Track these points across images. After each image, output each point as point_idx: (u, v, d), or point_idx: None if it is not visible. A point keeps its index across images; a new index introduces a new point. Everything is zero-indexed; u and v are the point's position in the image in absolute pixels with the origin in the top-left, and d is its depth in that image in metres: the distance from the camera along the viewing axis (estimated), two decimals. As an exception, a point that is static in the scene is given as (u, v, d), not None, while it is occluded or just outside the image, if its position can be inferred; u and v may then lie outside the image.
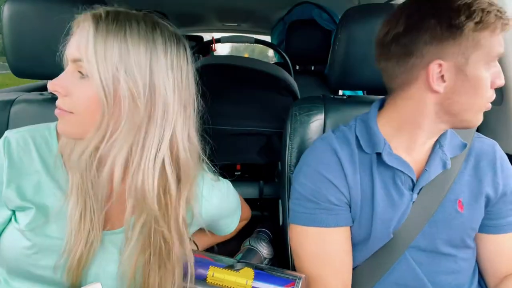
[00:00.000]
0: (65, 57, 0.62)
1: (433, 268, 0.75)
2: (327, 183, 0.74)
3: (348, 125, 0.81)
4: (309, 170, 0.76)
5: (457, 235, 0.75)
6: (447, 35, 0.65)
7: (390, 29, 0.70)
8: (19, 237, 0.61)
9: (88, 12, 0.60)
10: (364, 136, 0.76)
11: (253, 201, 1.41)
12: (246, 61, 1.39)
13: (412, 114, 0.72)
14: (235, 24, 3.03)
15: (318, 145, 0.79)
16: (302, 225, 0.75)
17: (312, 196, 0.74)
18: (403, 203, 0.74)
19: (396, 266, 0.75)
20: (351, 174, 0.74)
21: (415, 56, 0.67)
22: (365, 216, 0.74)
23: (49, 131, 0.67)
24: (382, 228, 0.73)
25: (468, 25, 0.63)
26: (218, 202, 0.75)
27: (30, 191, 0.63)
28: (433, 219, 0.74)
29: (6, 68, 0.89)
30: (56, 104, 0.60)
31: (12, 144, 0.64)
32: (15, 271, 0.63)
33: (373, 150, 0.75)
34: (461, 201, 0.75)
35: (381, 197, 0.73)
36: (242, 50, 5.56)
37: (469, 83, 0.66)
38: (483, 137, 0.82)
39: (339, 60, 0.94)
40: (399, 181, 0.74)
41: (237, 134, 1.29)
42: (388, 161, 0.73)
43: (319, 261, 0.74)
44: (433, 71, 0.66)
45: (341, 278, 0.74)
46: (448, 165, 0.74)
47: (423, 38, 0.66)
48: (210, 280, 0.69)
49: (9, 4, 0.83)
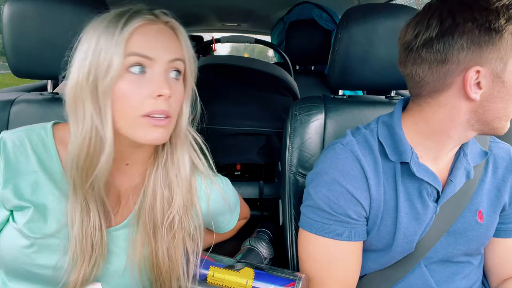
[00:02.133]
0: (126, 57, 0.58)
1: (446, 276, 0.74)
2: (347, 195, 0.68)
3: (369, 128, 0.75)
4: (328, 179, 0.70)
5: (474, 246, 0.73)
6: (486, 39, 0.59)
7: (420, 33, 0.64)
8: (18, 236, 0.62)
9: (152, 14, 0.63)
10: (389, 142, 0.71)
11: (253, 201, 1.42)
12: (246, 61, 1.38)
13: (443, 122, 0.67)
14: (235, 24, 3.03)
15: (339, 151, 0.72)
16: (313, 233, 0.71)
17: (329, 207, 0.69)
18: (427, 216, 0.70)
19: (409, 274, 0.72)
20: (375, 185, 0.69)
21: (450, 63, 0.62)
22: (386, 229, 0.70)
23: (45, 130, 0.67)
24: (404, 243, 0.70)
25: (508, 28, 0.59)
26: (217, 198, 0.76)
27: (28, 191, 0.63)
28: (452, 229, 0.71)
29: (6, 68, 0.89)
30: (158, 113, 0.59)
31: (8, 145, 0.64)
32: (13, 271, 0.63)
33: (399, 159, 0.69)
34: (481, 211, 0.73)
35: (405, 210, 0.69)
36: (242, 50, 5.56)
37: (506, 90, 0.61)
38: (498, 141, 0.79)
39: (339, 60, 0.94)
40: (425, 193, 0.69)
41: (237, 134, 1.29)
42: (417, 172, 0.68)
43: (325, 269, 0.71)
44: (471, 78, 0.61)
45: (345, 287, 0.72)
46: (471, 175, 0.71)
47: (459, 43, 0.61)
48: (210, 280, 0.69)
49: (9, 4, 0.83)
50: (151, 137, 0.60)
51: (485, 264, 0.80)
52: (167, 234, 0.67)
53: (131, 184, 0.70)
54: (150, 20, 0.61)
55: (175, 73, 0.63)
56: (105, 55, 0.57)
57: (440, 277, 0.73)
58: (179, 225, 0.68)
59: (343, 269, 0.71)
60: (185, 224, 0.69)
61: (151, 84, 0.59)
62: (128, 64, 0.58)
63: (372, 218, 0.70)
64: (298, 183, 0.91)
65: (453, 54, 0.61)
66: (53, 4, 0.83)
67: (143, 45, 0.59)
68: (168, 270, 0.67)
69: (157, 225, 0.67)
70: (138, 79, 0.59)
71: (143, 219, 0.67)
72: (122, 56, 0.57)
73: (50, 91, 0.98)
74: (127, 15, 0.60)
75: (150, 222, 0.67)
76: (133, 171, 0.70)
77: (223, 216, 0.81)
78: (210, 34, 3.06)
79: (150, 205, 0.67)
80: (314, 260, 0.72)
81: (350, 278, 0.71)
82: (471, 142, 0.74)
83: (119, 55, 0.57)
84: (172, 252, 0.68)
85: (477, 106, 0.63)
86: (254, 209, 1.07)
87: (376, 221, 0.70)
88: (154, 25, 0.62)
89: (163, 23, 0.63)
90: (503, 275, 0.78)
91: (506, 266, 0.77)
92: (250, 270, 0.68)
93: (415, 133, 0.70)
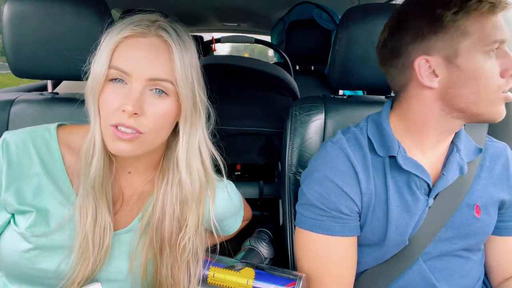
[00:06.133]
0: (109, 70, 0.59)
1: (446, 273, 0.74)
2: (338, 190, 0.71)
3: (359, 126, 0.78)
4: (319, 176, 0.73)
5: (473, 241, 0.74)
6: (428, 30, 0.64)
7: (380, 37, 0.73)
8: (19, 240, 0.61)
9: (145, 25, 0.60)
10: (377, 138, 0.74)
11: (253, 201, 1.42)
12: (246, 61, 1.38)
13: (419, 114, 0.70)
14: (235, 24, 3.02)
15: (329, 149, 0.75)
16: (308, 230, 0.73)
17: (321, 203, 0.71)
18: (418, 208, 0.71)
19: (407, 270, 0.73)
20: (365, 180, 0.71)
21: (403, 56, 0.68)
22: (379, 223, 0.72)
23: (49, 132, 0.66)
24: (397, 235, 0.71)
25: (446, 15, 0.62)
26: (222, 203, 0.75)
27: (30, 195, 0.62)
28: (449, 224, 0.72)
29: (6, 68, 0.89)
30: (124, 127, 0.58)
31: (11, 147, 0.63)
32: (14, 274, 0.63)
33: (386, 153, 0.72)
34: (479, 206, 0.73)
35: (396, 203, 0.71)
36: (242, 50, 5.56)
37: (465, 74, 0.63)
38: (495, 140, 0.81)
39: (339, 60, 0.94)
40: (414, 185, 0.71)
41: (237, 134, 1.29)
42: (404, 165, 0.70)
43: (321, 266, 0.72)
44: (420, 67, 0.66)
45: (343, 283, 0.72)
46: (465, 170, 0.72)
47: (406, 38, 0.67)
48: (211, 281, 0.69)
49: (9, 4, 0.83)
50: (115, 148, 0.59)
51: (487, 263, 0.80)
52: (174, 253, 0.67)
53: (135, 191, 0.69)
54: (140, 32, 0.59)
55: (158, 91, 0.60)
56: (97, 64, 0.60)
57: (440, 274, 0.73)
58: (189, 248, 0.67)
59: (339, 265, 0.72)
60: (195, 246, 0.68)
61: (123, 98, 0.58)
62: (110, 76, 0.59)
63: (365, 212, 0.72)
64: (298, 183, 0.91)
65: (402, 47, 0.68)
66: (53, 4, 0.83)
67: (124, 59, 0.59)
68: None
69: (164, 242, 0.66)
70: (117, 89, 0.59)
71: (151, 234, 0.66)
72: (106, 68, 0.59)
73: (50, 91, 0.98)
74: (124, 25, 0.60)
75: (158, 239, 0.66)
76: (137, 179, 0.70)
77: (228, 220, 0.81)
78: (210, 34, 3.06)
79: (159, 221, 0.66)
80: (310, 257, 0.74)
81: (347, 275, 0.73)
82: (465, 139, 0.75)
83: (104, 66, 0.59)
84: (176, 271, 0.67)
85: (441, 93, 0.66)
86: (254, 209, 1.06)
87: (368, 215, 0.72)
88: (144, 38, 0.60)
89: (156, 37, 0.60)
90: (505, 274, 0.78)
91: (507, 265, 0.78)
92: (251, 270, 0.69)
93: (400, 128, 0.73)
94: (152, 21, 0.61)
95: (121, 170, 0.68)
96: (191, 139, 0.65)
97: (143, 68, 0.58)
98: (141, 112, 0.58)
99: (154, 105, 0.60)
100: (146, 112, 0.59)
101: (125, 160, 0.67)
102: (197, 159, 0.67)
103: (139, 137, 0.59)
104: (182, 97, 0.61)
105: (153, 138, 0.62)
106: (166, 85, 0.60)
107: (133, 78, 0.58)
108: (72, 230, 0.62)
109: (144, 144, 0.61)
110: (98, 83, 0.59)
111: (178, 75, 0.60)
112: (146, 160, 0.69)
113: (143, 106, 0.58)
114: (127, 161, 0.68)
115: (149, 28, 0.60)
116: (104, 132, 0.60)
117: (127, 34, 0.59)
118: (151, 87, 0.60)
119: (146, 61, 0.59)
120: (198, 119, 0.65)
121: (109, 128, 0.58)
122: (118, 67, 0.58)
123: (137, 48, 0.59)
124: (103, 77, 0.59)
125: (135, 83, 0.58)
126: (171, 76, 0.60)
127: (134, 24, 0.60)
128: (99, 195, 0.63)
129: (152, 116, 0.59)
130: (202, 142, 0.68)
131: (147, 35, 0.60)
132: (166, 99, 0.61)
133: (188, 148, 0.66)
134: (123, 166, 0.68)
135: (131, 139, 0.58)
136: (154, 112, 0.60)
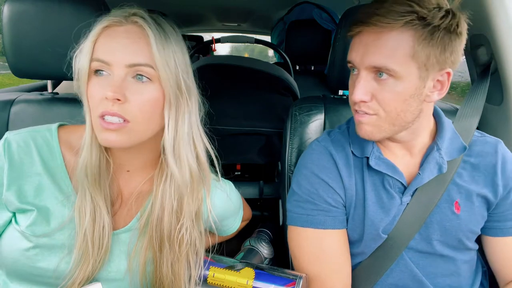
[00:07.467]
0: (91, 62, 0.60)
1: (432, 270, 0.75)
2: (324, 184, 0.75)
3: (342, 128, 0.82)
4: (307, 172, 0.77)
5: (453, 237, 0.74)
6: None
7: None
8: (20, 238, 0.62)
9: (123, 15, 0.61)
10: (355, 141, 0.77)
11: (253, 201, 1.42)
12: (246, 61, 1.39)
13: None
14: (235, 24, 3.03)
15: (315, 147, 0.80)
16: (300, 226, 0.75)
17: (310, 197, 0.75)
18: (393, 205, 0.74)
19: (395, 267, 0.75)
20: (347, 177, 0.76)
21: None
22: (358, 218, 0.75)
23: (50, 132, 0.67)
24: (372, 230, 0.74)
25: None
26: (221, 203, 0.75)
27: (31, 194, 0.63)
28: (429, 220, 0.74)
29: (6, 68, 0.89)
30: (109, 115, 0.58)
31: (13, 146, 0.64)
32: (14, 272, 0.63)
33: (362, 154, 0.76)
34: (458, 202, 0.74)
35: (372, 199, 0.74)
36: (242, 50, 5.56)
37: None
38: (486, 135, 0.80)
39: (339, 60, 0.94)
40: (388, 185, 0.74)
41: (237, 134, 1.29)
42: (375, 166, 0.74)
43: (317, 261, 0.74)
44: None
45: (340, 278, 0.74)
46: (444, 169, 0.73)
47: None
48: (210, 281, 0.69)
49: (9, 4, 0.83)
50: (103, 138, 0.59)
51: (491, 265, 0.80)
52: (174, 248, 0.67)
53: (134, 190, 0.69)
54: (117, 21, 0.60)
55: (140, 77, 0.60)
56: (81, 58, 0.61)
57: (426, 271, 0.75)
58: (187, 238, 0.67)
59: (334, 259, 0.74)
60: (193, 237, 0.68)
61: (105, 86, 0.58)
62: (93, 68, 0.60)
63: (348, 207, 0.76)
64: (298, 183, 0.91)
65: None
66: (53, 4, 0.83)
67: (103, 49, 0.59)
68: (171, 285, 0.67)
69: (163, 239, 0.66)
70: (101, 81, 0.59)
71: (150, 233, 0.66)
72: (89, 61, 0.59)
73: (50, 91, 0.98)
74: (102, 18, 0.61)
75: (157, 237, 0.66)
76: (136, 178, 0.70)
77: (227, 220, 0.81)
78: (210, 34, 3.06)
79: (158, 218, 0.66)
80: (305, 254, 0.75)
81: (343, 269, 0.74)
82: (452, 136, 0.75)
83: (87, 59, 0.59)
84: (176, 267, 0.67)
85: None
86: (254, 209, 1.07)
87: (351, 211, 0.76)
88: (121, 26, 0.60)
89: (132, 24, 0.61)
90: (507, 277, 0.77)
91: (508, 267, 0.77)
92: (251, 270, 0.69)
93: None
94: (131, 12, 0.62)
95: (119, 169, 0.68)
96: (178, 127, 0.64)
97: (121, 55, 0.59)
98: (123, 99, 0.58)
99: (138, 91, 0.59)
100: (129, 98, 0.59)
101: (121, 157, 0.67)
102: (187, 149, 0.66)
103: (126, 126, 0.59)
104: (163, 81, 0.60)
105: (143, 128, 0.61)
106: (147, 70, 0.59)
107: (113, 66, 0.59)
108: (72, 229, 0.63)
109: (132, 133, 0.60)
110: (83, 76, 0.60)
111: (157, 59, 0.59)
112: (142, 157, 0.68)
113: (125, 93, 0.58)
114: (123, 158, 0.67)
115: (126, 18, 0.61)
116: (94, 125, 0.61)
117: (106, 24, 0.60)
118: (133, 73, 0.60)
119: (123, 48, 0.59)
120: (185, 105, 0.64)
121: (97, 120, 0.59)
122: (98, 58, 0.59)
123: (115, 37, 0.59)
124: (87, 69, 0.60)
125: (116, 71, 0.59)
126: (150, 60, 0.59)
127: (112, 15, 0.61)
128: (96, 194, 0.63)
129: (136, 102, 0.59)
130: (196, 132, 0.67)
131: (123, 23, 0.60)
132: (150, 85, 0.60)
133: (176, 136, 0.64)
134: (120, 164, 0.68)
135: (118, 128, 0.58)
136: (138, 98, 0.59)
